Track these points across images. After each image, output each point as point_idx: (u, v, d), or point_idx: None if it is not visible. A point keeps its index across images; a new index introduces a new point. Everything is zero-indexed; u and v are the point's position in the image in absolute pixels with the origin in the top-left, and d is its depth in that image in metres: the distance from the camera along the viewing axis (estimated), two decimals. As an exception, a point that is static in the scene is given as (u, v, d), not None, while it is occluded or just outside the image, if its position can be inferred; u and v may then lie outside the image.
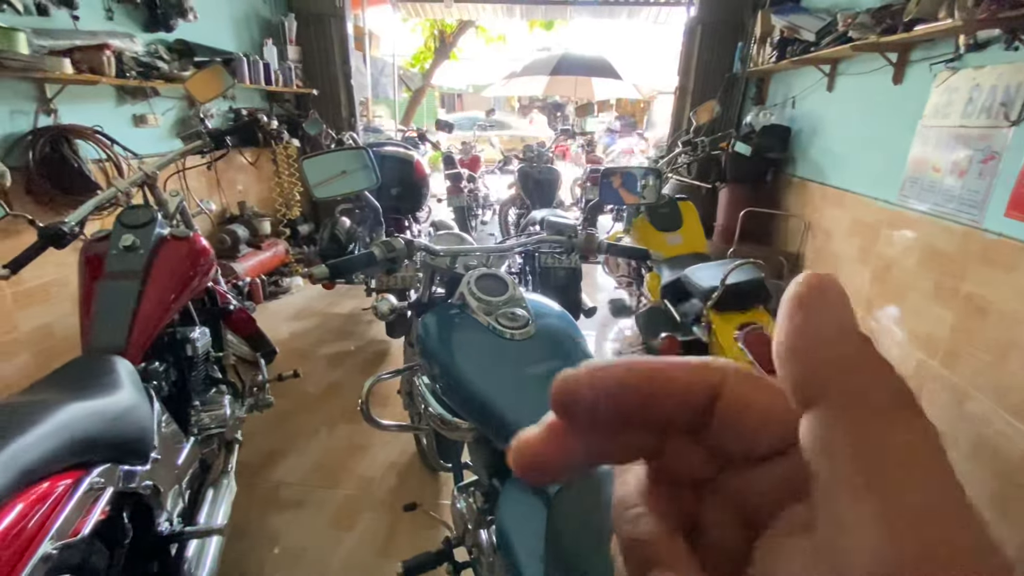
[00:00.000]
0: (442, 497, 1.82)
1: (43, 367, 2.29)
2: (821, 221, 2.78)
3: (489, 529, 1.01)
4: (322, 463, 1.98)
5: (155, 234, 1.36)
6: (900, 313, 2.07)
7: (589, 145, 5.38)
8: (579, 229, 1.28)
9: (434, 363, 1.05)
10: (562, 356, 1.00)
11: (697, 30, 3.84)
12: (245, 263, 3.22)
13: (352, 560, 1.56)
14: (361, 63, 4.59)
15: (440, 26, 8.55)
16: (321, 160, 1.22)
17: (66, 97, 2.30)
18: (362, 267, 1.09)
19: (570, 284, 2.28)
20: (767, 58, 3.29)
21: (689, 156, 2.76)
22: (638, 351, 2.85)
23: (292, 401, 2.36)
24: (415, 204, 3.19)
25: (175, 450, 1.29)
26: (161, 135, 2.94)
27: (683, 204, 2.53)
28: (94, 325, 1.23)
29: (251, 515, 1.70)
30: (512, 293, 1.09)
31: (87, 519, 0.85)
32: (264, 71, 3.59)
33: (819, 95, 2.92)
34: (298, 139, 3.94)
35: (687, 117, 3.68)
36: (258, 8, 3.82)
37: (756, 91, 3.77)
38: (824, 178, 2.80)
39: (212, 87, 1.71)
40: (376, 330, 3.14)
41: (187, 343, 1.46)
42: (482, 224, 5.27)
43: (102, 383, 1.04)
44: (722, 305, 1.75)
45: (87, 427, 0.90)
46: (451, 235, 1.45)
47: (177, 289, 1.38)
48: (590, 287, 3.96)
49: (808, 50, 2.72)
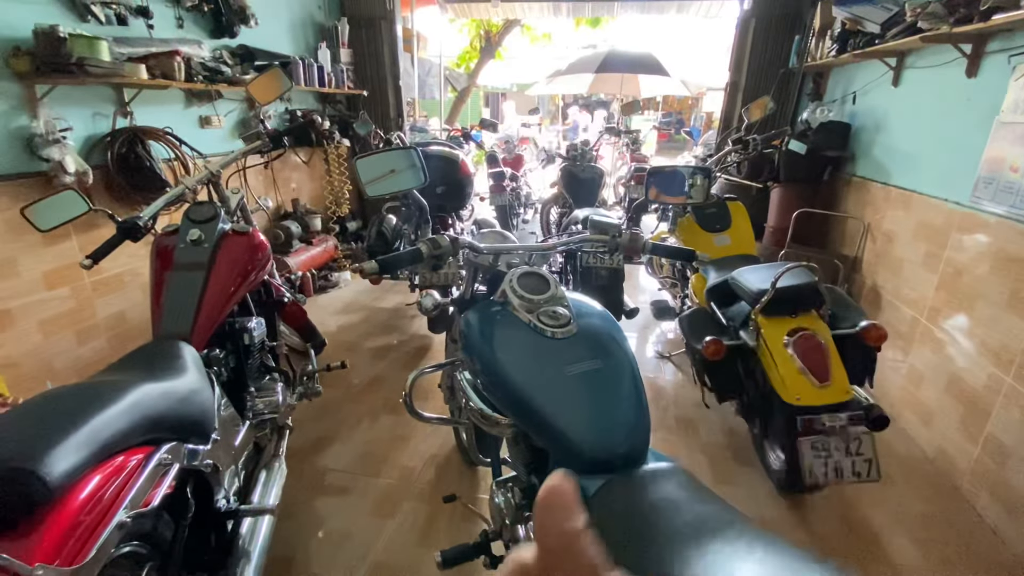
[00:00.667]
0: (480, 491, 1.85)
1: (117, 351, 2.48)
2: (882, 223, 2.63)
3: (527, 525, 1.02)
4: (366, 452, 2.05)
5: (218, 229, 1.45)
6: (969, 323, 1.93)
7: (634, 143, 5.29)
8: (623, 228, 1.26)
9: (475, 358, 1.07)
10: (603, 356, 0.99)
11: (751, 24, 3.70)
12: (297, 258, 3.37)
13: (392, 547, 1.61)
14: (409, 64, 4.69)
15: (486, 26, 8.62)
16: (372, 160, 1.26)
17: (140, 100, 2.48)
18: (409, 263, 1.12)
19: (612, 284, 2.26)
20: (826, 52, 3.13)
21: (740, 155, 2.67)
22: (681, 354, 2.79)
23: (339, 391, 2.45)
24: (459, 202, 3.24)
25: (233, 432, 1.37)
26: (223, 136, 3.11)
27: (732, 204, 2.45)
28: (163, 313, 1.32)
29: (299, 498, 1.79)
30: (554, 292, 1.09)
31: (156, 492, 0.92)
32: (318, 73, 3.73)
33: (883, 90, 2.76)
34: (348, 139, 4.08)
35: (738, 114, 3.57)
36: (313, 13, 3.98)
37: (813, 87, 3.60)
38: (887, 178, 2.65)
39: (272, 90, 1.80)
40: (419, 325, 3.21)
41: (245, 332, 1.54)
42: (523, 223, 5.29)
43: (170, 366, 1.12)
44: (772, 309, 1.69)
45: (157, 406, 0.98)
46: (494, 233, 1.47)
47: (237, 281, 1.46)
48: (632, 288, 3.90)
49: (872, 42, 2.57)
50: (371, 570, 1.53)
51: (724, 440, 2.16)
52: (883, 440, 2.13)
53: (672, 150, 12.07)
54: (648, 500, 0.77)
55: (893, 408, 2.31)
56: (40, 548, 0.70)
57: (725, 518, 0.69)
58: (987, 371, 1.81)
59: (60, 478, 0.74)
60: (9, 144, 2.01)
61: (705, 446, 2.13)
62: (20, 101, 2.03)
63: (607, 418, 0.91)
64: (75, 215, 1.41)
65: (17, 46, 1.97)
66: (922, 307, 2.21)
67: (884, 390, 2.39)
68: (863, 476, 1.53)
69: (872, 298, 2.63)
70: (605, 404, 0.93)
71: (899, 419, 2.27)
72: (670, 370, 2.75)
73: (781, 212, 3.21)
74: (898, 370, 2.33)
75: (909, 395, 2.24)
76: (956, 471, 1.92)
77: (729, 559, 0.61)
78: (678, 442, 2.15)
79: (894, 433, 2.19)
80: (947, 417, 1.99)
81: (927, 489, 1.91)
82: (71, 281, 2.28)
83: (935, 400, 2.07)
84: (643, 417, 0.93)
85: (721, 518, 0.69)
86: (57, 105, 2.14)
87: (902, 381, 2.30)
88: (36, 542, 0.70)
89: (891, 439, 2.15)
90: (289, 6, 3.71)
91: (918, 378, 2.19)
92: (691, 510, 0.73)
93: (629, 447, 0.89)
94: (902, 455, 2.09)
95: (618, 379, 0.97)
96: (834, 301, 1.76)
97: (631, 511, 0.76)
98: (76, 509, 0.76)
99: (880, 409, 1.56)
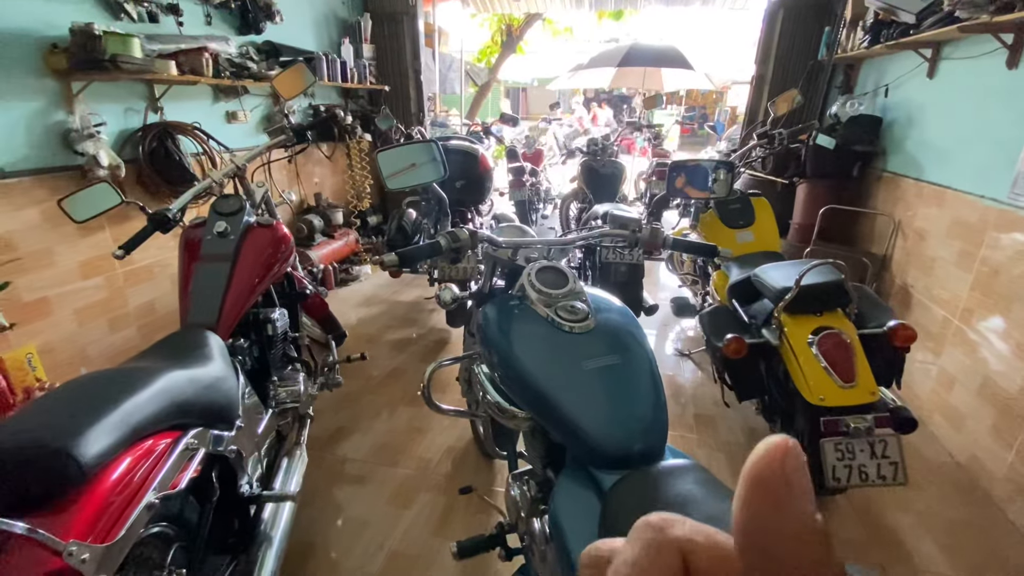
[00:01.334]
0: (495, 484, 1.86)
1: (146, 339, 2.56)
2: (914, 220, 2.54)
3: (542, 518, 1.03)
4: (384, 442, 2.08)
5: (244, 222, 1.48)
6: (1005, 324, 1.86)
7: (656, 138, 5.21)
8: (643, 223, 1.25)
9: (493, 352, 1.07)
10: (621, 351, 0.99)
11: (778, 15, 3.61)
12: (319, 251, 3.42)
13: (409, 536, 1.63)
14: (430, 59, 4.71)
15: (508, 20, 8.59)
16: (394, 153, 1.27)
17: (170, 96, 2.54)
18: (429, 256, 1.13)
19: (631, 280, 2.25)
20: (858, 43, 3.04)
21: (765, 149, 2.61)
22: (701, 351, 2.76)
23: (358, 382, 2.49)
24: (479, 197, 3.24)
25: (256, 420, 1.41)
26: (249, 130, 3.17)
27: (756, 200, 2.40)
28: (191, 303, 1.36)
29: (319, 486, 1.82)
30: (572, 286, 1.09)
31: (183, 475, 0.95)
32: (341, 69, 3.77)
33: (918, 82, 2.67)
34: (370, 134, 4.11)
35: (764, 108, 3.49)
36: (336, 9, 4.02)
37: (844, 79, 3.49)
38: (920, 173, 2.56)
39: (296, 85, 1.83)
40: (437, 319, 3.24)
41: (268, 323, 1.58)
42: (542, 218, 5.27)
43: (197, 354, 1.15)
44: (796, 307, 1.65)
45: (185, 392, 1.01)
46: (513, 227, 1.47)
47: (261, 273, 1.49)
48: (651, 284, 3.86)
49: (907, 33, 2.48)
50: (388, 558, 1.56)
51: (744, 440, 2.13)
52: (911, 444, 2.07)
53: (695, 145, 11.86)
54: (666, 495, 0.77)
55: (922, 411, 2.24)
56: (74, 525, 0.73)
57: None
58: (1023, 374, 1.75)
59: (93, 459, 0.77)
60: (47, 138, 2.08)
61: (724, 445, 2.10)
62: (57, 97, 2.10)
63: (625, 414, 0.91)
64: (108, 207, 1.46)
65: (54, 44, 2.04)
66: (955, 307, 2.13)
67: (913, 392, 2.32)
68: (888, 479, 1.49)
69: (902, 297, 2.55)
70: (623, 400, 0.93)
71: (928, 423, 2.20)
72: (689, 367, 2.72)
73: (807, 208, 3.13)
74: (928, 372, 2.26)
75: (939, 398, 2.17)
76: (988, 477, 1.86)
77: None
78: (696, 440, 2.12)
79: (923, 437, 2.13)
80: (979, 422, 1.93)
81: (957, 495, 1.85)
82: (104, 271, 2.36)
83: (967, 404, 2.01)
84: (661, 413, 0.93)
85: None
86: (91, 101, 2.21)
87: (932, 383, 2.23)
88: (70, 520, 0.73)
89: (919, 443, 2.09)
90: (313, 2, 3.75)
91: (949, 381, 2.12)
92: (709, 506, 0.72)
93: (647, 443, 0.88)
94: (931, 460, 2.02)
95: (636, 375, 0.97)
96: (861, 300, 1.71)
97: (649, 506, 0.75)
98: (108, 489, 0.79)
99: (908, 411, 1.52)
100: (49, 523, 0.70)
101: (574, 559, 0.78)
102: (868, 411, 1.51)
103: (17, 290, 1.99)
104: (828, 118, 3.26)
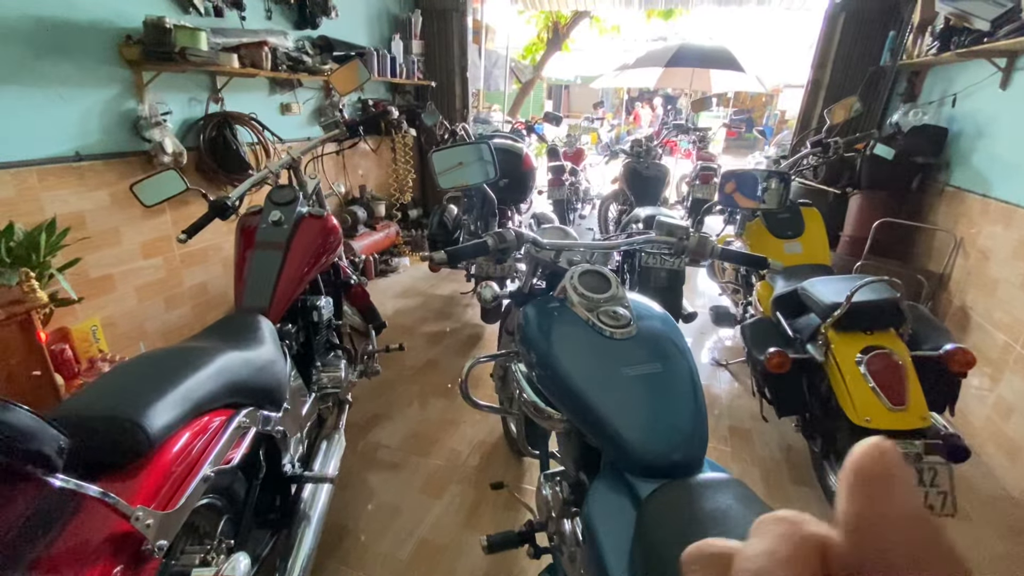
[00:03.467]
0: (524, 481, 1.88)
1: (199, 317, 2.70)
2: (977, 238, 2.40)
3: (573, 520, 1.03)
4: (417, 432, 2.13)
5: (297, 212, 1.54)
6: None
7: (702, 141, 5.09)
8: (691, 231, 1.24)
9: (532, 352, 1.08)
10: (662, 360, 0.98)
11: (840, 18, 3.46)
12: (361, 241, 3.51)
13: (439, 526, 1.67)
14: (476, 56, 4.74)
15: (555, 17, 8.54)
16: (448, 153, 1.30)
17: (230, 88, 2.66)
18: (475, 255, 1.15)
19: (672, 286, 2.21)
20: (925, 49, 2.89)
21: (818, 158, 2.52)
22: (740, 362, 2.69)
23: (394, 372, 2.55)
24: (521, 195, 3.25)
25: (300, 403, 1.46)
26: (301, 122, 3.28)
27: (806, 210, 2.32)
28: (245, 287, 1.42)
29: (354, 470, 1.88)
30: (615, 292, 1.09)
31: (235, 452, 1.00)
32: (391, 64, 3.85)
33: (990, 92, 2.51)
34: (415, 129, 4.18)
35: (819, 115, 3.36)
36: (389, 5, 4.10)
37: (907, 87, 3.33)
38: (988, 189, 2.42)
39: (351, 80, 1.88)
40: (471, 314, 3.28)
41: (315, 310, 1.64)
42: (580, 218, 5.23)
43: (251, 337, 1.21)
44: (844, 324, 1.59)
45: (240, 372, 1.06)
46: (556, 229, 1.47)
47: (311, 262, 1.55)
48: (689, 291, 3.79)
49: (980, 40, 2.34)
50: (418, 545, 1.59)
51: (780, 456, 2.08)
52: (962, 474, 1.97)
53: (741, 149, 11.52)
54: (703, 508, 0.76)
55: (976, 440, 2.12)
56: (140, 492, 0.78)
57: None
58: (1093, 409, 1.63)
59: (160, 431, 0.82)
60: (118, 125, 2.22)
61: (759, 459, 2.05)
62: (129, 86, 2.23)
63: (664, 423, 0.90)
64: (174, 193, 1.54)
65: (129, 35, 2.17)
66: (1017, 333, 2.01)
67: (966, 420, 2.21)
68: (936, 509, 1.42)
69: (959, 319, 2.42)
70: (662, 409, 0.92)
71: (981, 452, 2.09)
72: (726, 378, 2.66)
73: (860, 221, 3.01)
74: (984, 400, 2.14)
75: (995, 427, 2.06)
76: (1046, 515, 1.75)
77: None
78: (730, 453, 2.08)
79: (974, 467, 2.02)
80: (1039, 455, 1.82)
81: (1009, 530, 1.75)
82: (163, 252, 2.49)
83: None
84: (701, 425, 0.92)
85: None
86: (159, 90, 2.34)
87: (988, 411, 2.11)
88: (137, 486, 0.79)
89: (971, 474, 1.98)
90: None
91: (1007, 410, 2.01)
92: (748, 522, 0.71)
93: (685, 454, 0.88)
94: (983, 492, 1.92)
95: (677, 384, 0.96)
96: (916, 320, 1.64)
97: (685, 517, 0.75)
98: (171, 460, 0.85)
99: (961, 439, 1.45)
100: (119, 488, 0.75)
101: (607, 563, 0.79)
102: (918, 437, 1.45)
103: (85, 266, 2.13)
104: (888, 127, 3.12)
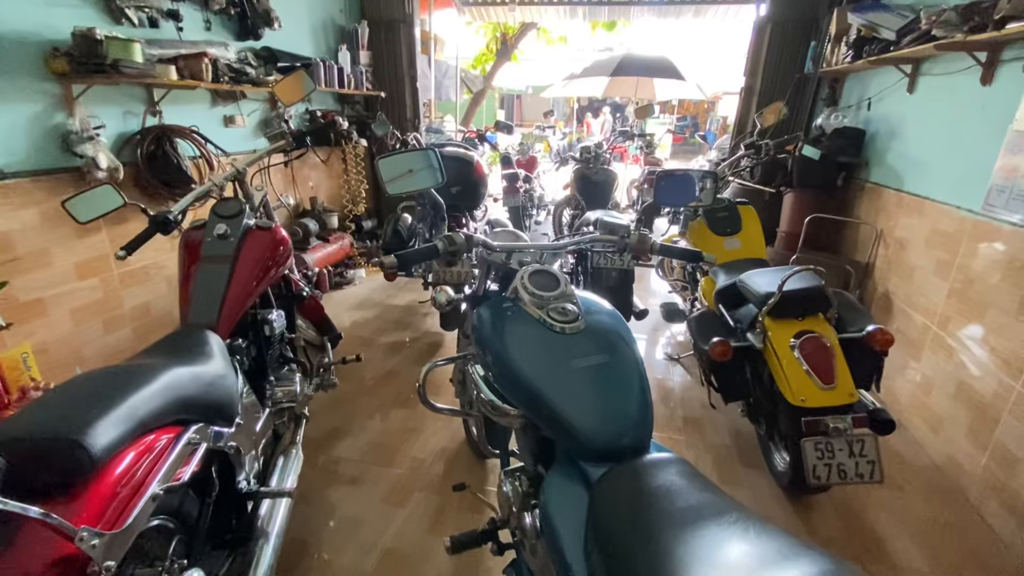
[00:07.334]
0: (488, 483, 1.90)
1: (142, 340, 2.57)
2: (895, 230, 2.63)
3: (533, 513, 1.07)
4: (378, 443, 2.11)
5: (243, 224, 1.51)
6: (980, 331, 1.93)
7: (648, 147, 5.31)
8: (632, 229, 1.30)
9: (487, 352, 1.11)
10: (610, 351, 1.03)
11: (767, 28, 3.71)
12: (315, 254, 3.45)
13: (403, 534, 1.66)
14: (426, 66, 4.76)
15: (503, 28, 8.68)
16: (394, 160, 1.32)
17: (169, 100, 2.57)
18: (425, 258, 1.17)
19: (622, 286, 2.30)
20: (842, 58, 3.14)
21: (752, 159, 2.69)
22: (690, 356, 2.81)
23: (352, 384, 2.52)
24: (473, 202, 3.29)
25: (254, 418, 1.43)
26: (246, 134, 3.20)
27: (743, 208, 2.47)
28: (191, 302, 1.39)
29: (314, 485, 1.85)
30: (563, 289, 1.13)
31: (185, 469, 0.98)
32: (338, 75, 3.82)
33: (898, 96, 2.76)
34: (366, 139, 4.15)
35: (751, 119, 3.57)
36: (334, 16, 4.07)
37: (829, 92, 3.60)
38: (901, 184, 2.65)
39: (296, 91, 1.87)
40: (431, 323, 3.27)
41: (266, 324, 1.61)
42: (536, 224, 5.33)
43: (198, 352, 1.18)
44: (778, 312, 1.71)
45: (188, 388, 1.04)
46: (507, 232, 1.52)
47: (260, 275, 1.52)
48: (643, 291, 3.92)
49: (888, 49, 2.57)
50: (382, 555, 1.58)
51: (730, 441, 2.19)
52: (891, 447, 2.14)
53: (687, 154, 12.03)
54: (650, 486, 0.81)
55: (903, 415, 2.31)
56: (84, 512, 0.76)
57: (722, 505, 0.73)
58: (997, 379, 1.81)
59: (102, 450, 0.80)
60: (46, 140, 2.11)
61: (711, 446, 2.15)
62: (57, 100, 2.12)
63: (612, 410, 0.95)
64: (111, 208, 1.48)
65: (56, 47, 2.07)
66: (933, 314, 2.21)
67: (894, 396, 2.39)
68: (866, 477, 1.55)
69: (884, 304, 2.63)
70: (610, 396, 0.97)
71: (908, 426, 2.27)
72: (679, 372, 2.77)
73: (794, 217, 3.22)
74: (908, 377, 2.33)
75: (919, 402, 2.24)
76: (964, 478, 1.92)
77: (726, 541, 0.66)
78: (684, 442, 2.17)
79: (903, 440, 2.19)
80: (956, 424, 1.99)
81: (934, 496, 1.91)
82: (99, 272, 2.37)
83: (944, 407, 2.07)
84: (647, 410, 0.97)
85: (719, 505, 0.73)
86: (91, 104, 2.23)
87: (912, 388, 2.30)
88: (80, 507, 0.76)
89: (900, 446, 2.15)
90: (311, 9, 3.80)
91: (928, 385, 2.19)
92: (691, 497, 0.77)
93: (633, 438, 0.93)
94: (910, 461, 2.09)
95: (624, 373, 1.01)
96: (841, 305, 1.78)
97: (634, 496, 0.80)
98: (116, 479, 0.82)
99: (886, 413, 1.58)
100: (62, 509, 0.73)
101: (563, 545, 0.82)
102: (847, 412, 1.57)
103: (14, 290, 2.00)
104: (814, 130, 3.36)
